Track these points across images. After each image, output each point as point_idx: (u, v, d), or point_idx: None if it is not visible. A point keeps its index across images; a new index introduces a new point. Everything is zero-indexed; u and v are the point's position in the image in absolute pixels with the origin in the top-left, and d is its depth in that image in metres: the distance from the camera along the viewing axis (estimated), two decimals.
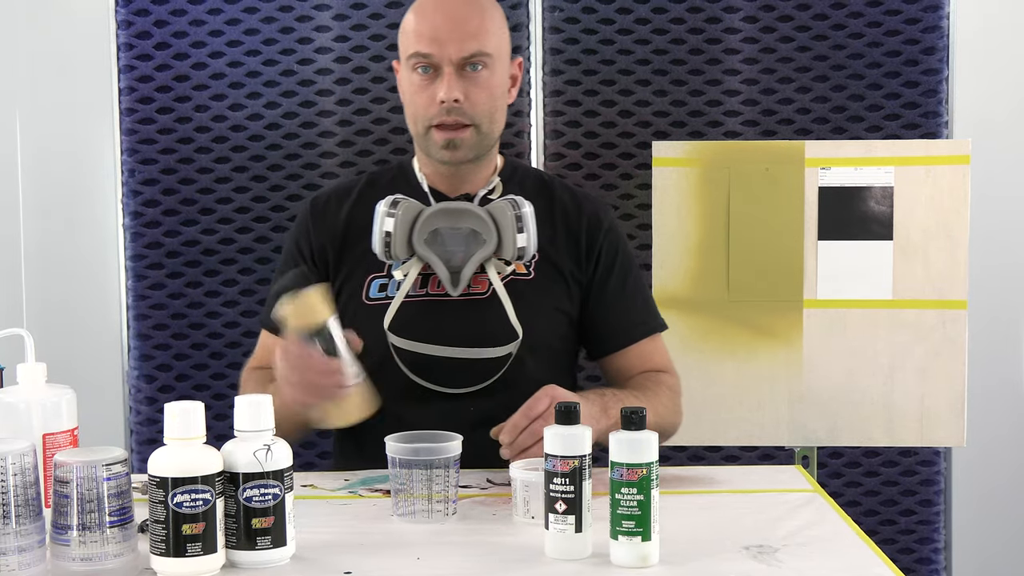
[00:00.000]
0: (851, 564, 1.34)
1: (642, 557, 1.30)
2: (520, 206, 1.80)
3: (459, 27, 1.80)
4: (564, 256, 1.89)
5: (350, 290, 1.88)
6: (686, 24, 2.38)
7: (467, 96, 1.80)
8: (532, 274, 1.87)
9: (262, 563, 1.31)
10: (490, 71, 1.82)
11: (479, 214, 1.80)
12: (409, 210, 1.80)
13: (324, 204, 1.95)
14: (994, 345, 2.47)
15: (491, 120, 1.85)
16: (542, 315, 1.84)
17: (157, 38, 2.38)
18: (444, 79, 1.79)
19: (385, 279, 1.86)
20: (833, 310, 2.19)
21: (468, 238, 1.80)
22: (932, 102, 2.37)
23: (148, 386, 2.42)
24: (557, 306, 1.88)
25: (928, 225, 2.18)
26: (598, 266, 1.91)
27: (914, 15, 2.36)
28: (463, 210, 1.81)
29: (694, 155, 2.21)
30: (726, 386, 2.20)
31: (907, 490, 2.44)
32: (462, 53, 1.79)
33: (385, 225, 1.79)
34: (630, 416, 1.31)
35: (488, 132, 1.85)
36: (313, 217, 1.93)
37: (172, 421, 1.28)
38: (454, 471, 1.50)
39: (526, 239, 1.79)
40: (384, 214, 1.80)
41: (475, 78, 1.81)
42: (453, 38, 1.79)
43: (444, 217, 1.81)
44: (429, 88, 1.81)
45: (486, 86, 1.82)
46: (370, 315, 1.84)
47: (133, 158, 2.40)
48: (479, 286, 1.84)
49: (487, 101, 1.83)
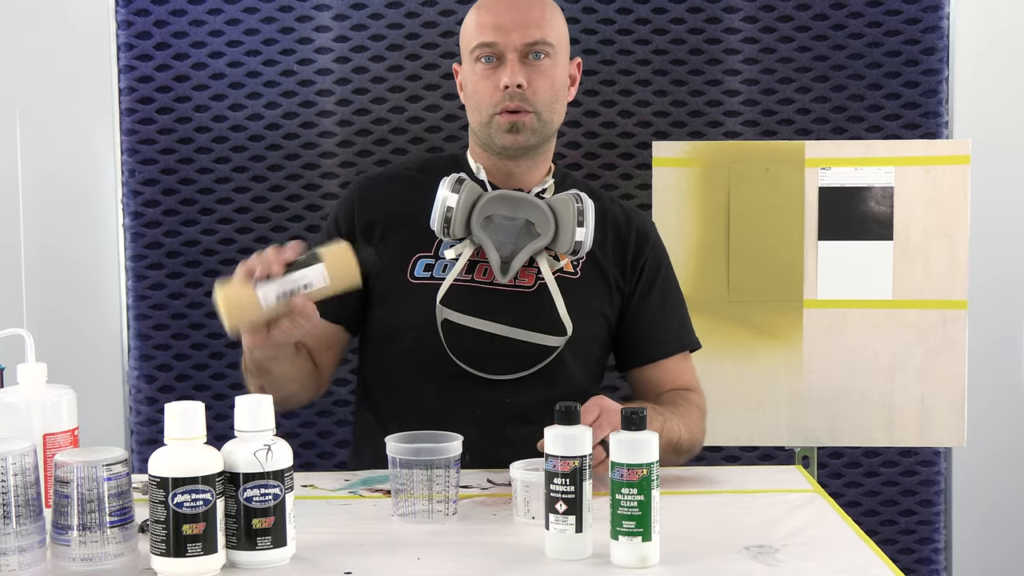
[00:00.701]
0: (851, 564, 1.34)
1: (642, 557, 1.30)
2: (583, 201, 1.81)
3: (522, 15, 1.83)
4: (611, 262, 1.91)
5: (394, 268, 1.88)
6: (686, 24, 2.38)
7: (530, 83, 1.83)
8: (579, 274, 1.88)
9: (262, 563, 1.31)
10: (552, 61, 1.85)
11: (539, 204, 1.82)
12: (472, 191, 1.81)
13: (373, 184, 1.97)
14: (994, 345, 2.47)
15: (551, 110, 1.87)
16: (586, 315, 1.85)
17: (157, 38, 2.38)
18: (508, 66, 1.83)
19: (431, 259, 1.87)
20: (833, 310, 2.19)
21: (520, 230, 1.81)
22: (932, 102, 2.37)
23: (148, 386, 2.42)
24: (600, 309, 1.89)
25: (928, 225, 2.18)
26: (641, 278, 1.92)
27: (914, 15, 2.36)
28: (523, 200, 1.83)
29: (694, 155, 2.21)
30: (726, 386, 2.20)
31: (907, 490, 2.44)
32: (525, 39, 1.82)
33: (448, 200, 1.79)
34: (630, 416, 1.31)
35: (548, 120, 1.87)
36: (361, 195, 1.94)
37: (172, 421, 1.28)
38: (454, 471, 1.50)
39: (584, 233, 1.79)
40: (449, 188, 1.80)
41: (537, 66, 1.84)
42: (516, 26, 1.82)
43: (503, 204, 1.82)
44: (493, 76, 1.84)
45: (548, 75, 1.85)
46: (415, 293, 1.84)
47: (133, 158, 2.40)
48: (526, 279, 1.85)
49: (548, 89, 1.85)
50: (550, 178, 1.94)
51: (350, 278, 1.57)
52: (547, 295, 1.82)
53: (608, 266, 1.91)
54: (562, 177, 1.97)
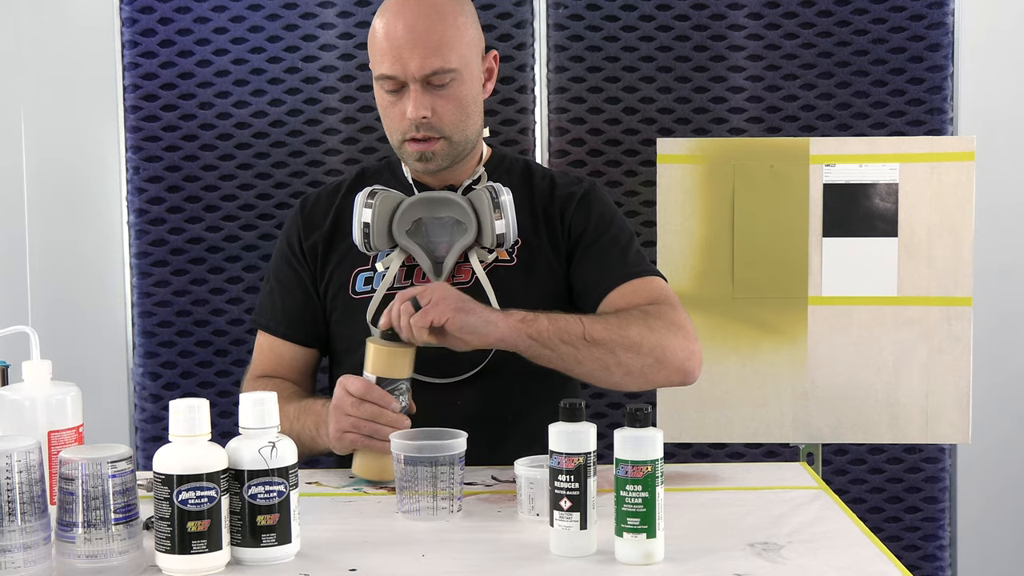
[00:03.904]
0: (856, 561, 1.34)
1: (647, 554, 1.30)
2: (498, 193, 1.79)
3: (420, 42, 1.77)
4: (545, 242, 1.88)
5: (338, 285, 1.89)
6: (690, 21, 2.38)
7: (434, 111, 1.80)
8: (515, 260, 1.87)
9: (267, 560, 1.31)
10: (458, 81, 1.81)
11: (459, 202, 1.80)
12: (387, 200, 1.80)
13: (313, 202, 1.96)
14: (999, 342, 2.47)
15: (462, 129, 1.84)
16: (526, 302, 1.77)
17: (161, 35, 2.38)
18: (410, 96, 1.79)
19: (370, 272, 1.87)
20: (838, 307, 2.19)
21: (452, 228, 1.80)
22: (937, 99, 2.37)
23: (153, 383, 2.42)
24: (541, 292, 1.85)
25: (933, 222, 2.17)
26: (570, 235, 1.89)
27: (919, 11, 2.36)
28: (442, 199, 1.81)
29: (699, 152, 2.21)
30: (731, 383, 2.19)
31: (912, 487, 2.43)
32: (424, 71, 1.78)
33: (363, 216, 1.79)
34: (635, 414, 1.30)
35: (461, 140, 1.84)
36: (303, 218, 1.94)
37: (177, 418, 1.28)
38: (459, 468, 1.50)
39: (505, 225, 1.78)
40: (362, 204, 1.79)
41: (441, 92, 1.80)
42: (415, 55, 1.77)
43: (424, 207, 1.81)
44: (398, 104, 1.81)
45: (454, 98, 1.81)
46: (357, 309, 1.84)
47: (138, 155, 2.40)
48: (463, 275, 1.84)
49: (455, 112, 1.82)
50: (480, 168, 1.92)
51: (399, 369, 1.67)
52: (484, 289, 1.80)
53: (542, 247, 1.87)
54: (498, 160, 1.95)
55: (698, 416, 2.19)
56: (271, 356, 1.92)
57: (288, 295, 1.92)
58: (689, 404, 2.18)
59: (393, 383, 1.63)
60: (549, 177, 1.95)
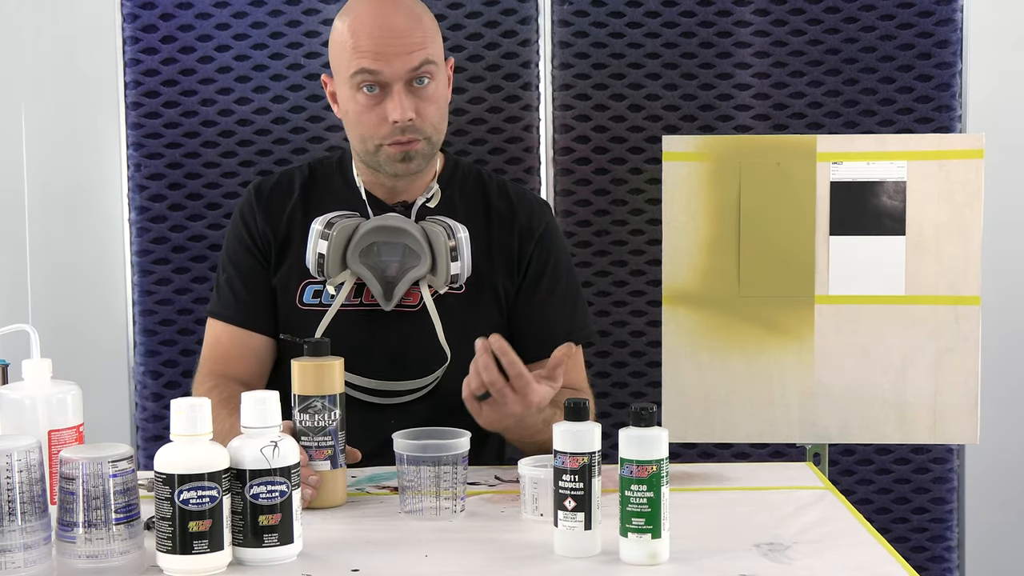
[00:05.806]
0: (863, 562, 1.33)
1: (652, 554, 1.29)
2: (455, 232, 1.80)
3: (403, 39, 1.77)
4: (497, 269, 1.90)
5: (284, 290, 1.89)
6: (696, 17, 2.36)
7: (418, 112, 1.79)
8: (464, 288, 1.87)
9: (269, 560, 1.31)
10: (436, 81, 1.82)
11: (415, 234, 1.80)
12: (344, 230, 1.80)
13: (268, 194, 1.94)
14: (1008, 341, 2.46)
15: (439, 128, 1.85)
16: (473, 331, 1.74)
17: (163, 31, 2.37)
18: (395, 97, 1.78)
19: (319, 286, 1.87)
20: (845, 306, 2.18)
21: (404, 250, 1.81)
22: (945, 96, 2.35)
23: (154, 382, 2.42)
24: (488, 321, 1.87)
25: (941, 220, 2.16)
26: (527, 276, 1.91)
27: (927, 8, 2.34)
28: (399, 228, 1.81)
29: (704, 150, 2.19)
30: (736, 383, 2.18)
31: (920, 487, 2.42)
32: (410, 66, 1.77)
33: (319, 247, 1.80)
34: (640, 413, 1.30)
35: (437, 140, 1.86)
36: (259, 204, 1.92)
37: (178, 417, 1.27)
38: (462, 468, 1.49)
39: (460, 267, 1.80)
40: (319, 235, 1.80)
41: (423, 92, 1.80)
42: (400, 51, 1.76)
43: (379, 234, 1.81)
44: (378, 108, 1.80)
45: (434, 98, 1.82)
46: (306, 319, 1.84)
47: (139, 152, 2.39)
48: (411, 298, 1.85)
49: (436, 112, 1.83)
50: (435, 184, 1.91)
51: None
52: (430, 317, 1.81)
53: (495, 275, 1.89)
54: (451, 171, 1.95)
55: (703, 415, 2.17)
56: (231, 348, 1.89)
57: (249, 281, 1.90)
58: (694, 403, 2.17)
59: (319, 399, 1.55)
60: (507, 196, 1.95)
